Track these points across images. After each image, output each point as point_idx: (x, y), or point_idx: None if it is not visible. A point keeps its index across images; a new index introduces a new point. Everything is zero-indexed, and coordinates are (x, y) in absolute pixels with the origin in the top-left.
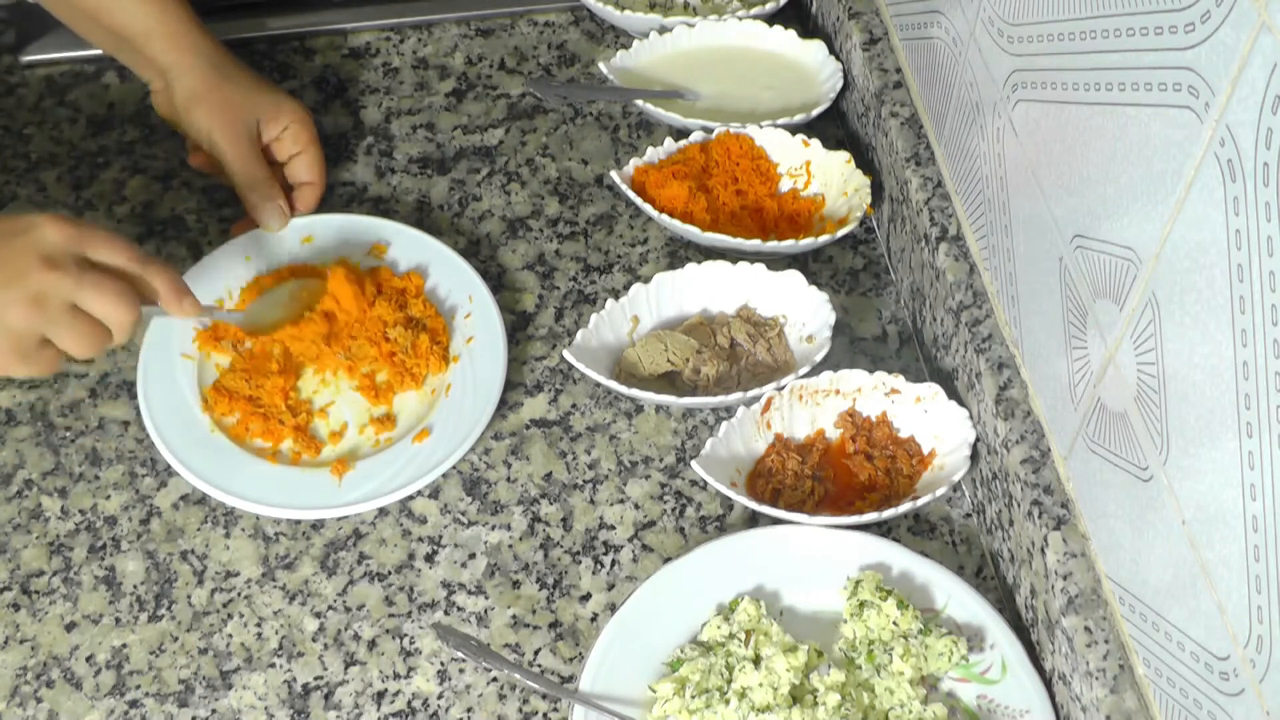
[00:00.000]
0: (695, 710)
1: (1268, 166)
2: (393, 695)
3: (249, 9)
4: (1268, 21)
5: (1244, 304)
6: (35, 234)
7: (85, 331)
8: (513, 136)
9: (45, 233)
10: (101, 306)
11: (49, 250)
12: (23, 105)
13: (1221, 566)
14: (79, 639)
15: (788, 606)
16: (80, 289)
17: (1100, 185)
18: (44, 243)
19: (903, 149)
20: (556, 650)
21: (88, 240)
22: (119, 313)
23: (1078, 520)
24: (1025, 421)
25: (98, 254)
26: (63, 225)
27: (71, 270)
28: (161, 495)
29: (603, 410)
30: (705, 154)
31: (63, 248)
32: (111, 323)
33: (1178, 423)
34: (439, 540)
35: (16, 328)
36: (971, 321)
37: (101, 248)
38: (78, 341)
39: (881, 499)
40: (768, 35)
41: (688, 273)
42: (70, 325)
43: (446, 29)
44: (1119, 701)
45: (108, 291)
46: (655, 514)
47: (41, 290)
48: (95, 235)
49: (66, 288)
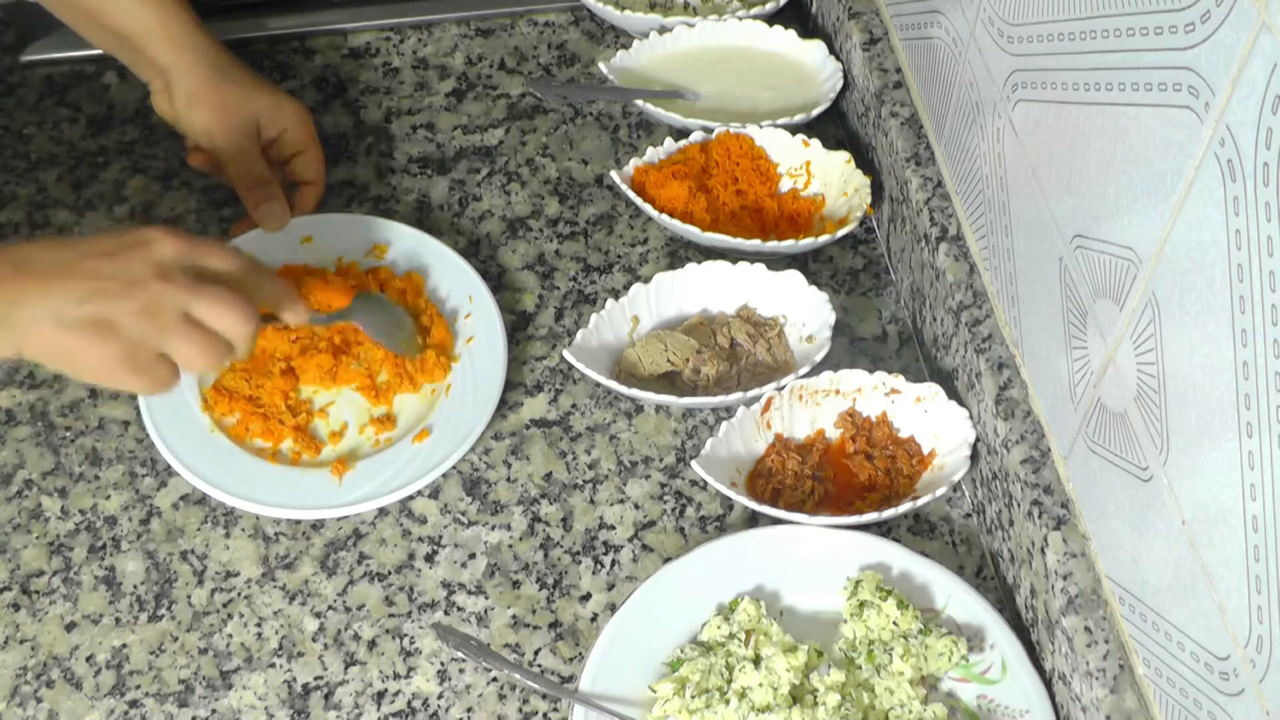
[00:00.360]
0: (695, 710)
1: (1268, 166)
2: (393, 695)
3: (249, 9)
4: (1268, 21)
5: (1244, 304)
6: (148, 246)
7: (201, 343)
8: (513, 136)
9: (159, 245)
10: (217, 317)
11: (163, 262)
12: (23, 105)
13: (1221, 566)
14: (79, 639)
15: (788, 606)
16: (195, 299)
17: (1100, 185)
18: (157, 255)
19: (903, 149)
20: (556, 650)
21: (201, 251)
22: (235, 323)
23: (1078, 520)
24: (1025, 421)
25: (211, 264)
26: (175, 237)
27: (186, 281)
28: (161, 495)
29: (603, 410)
30: (705, 154)
31: (176, 260)
32: (229, 333)
33: (1178, 423)
34: (439, 540)
35: (131, 338)
36: (971, 321)
37: (214, 258)
38: (193, 353)
39: (881, 499)
40: (768, 35)
41: (688, 273)
42: (186, 337)
43: (446, 29)
44: (1119, 701)
45: (223, 302)
46: (655, 514)
47: (156, 301)
48: (208, 246)
49: (181, 298)
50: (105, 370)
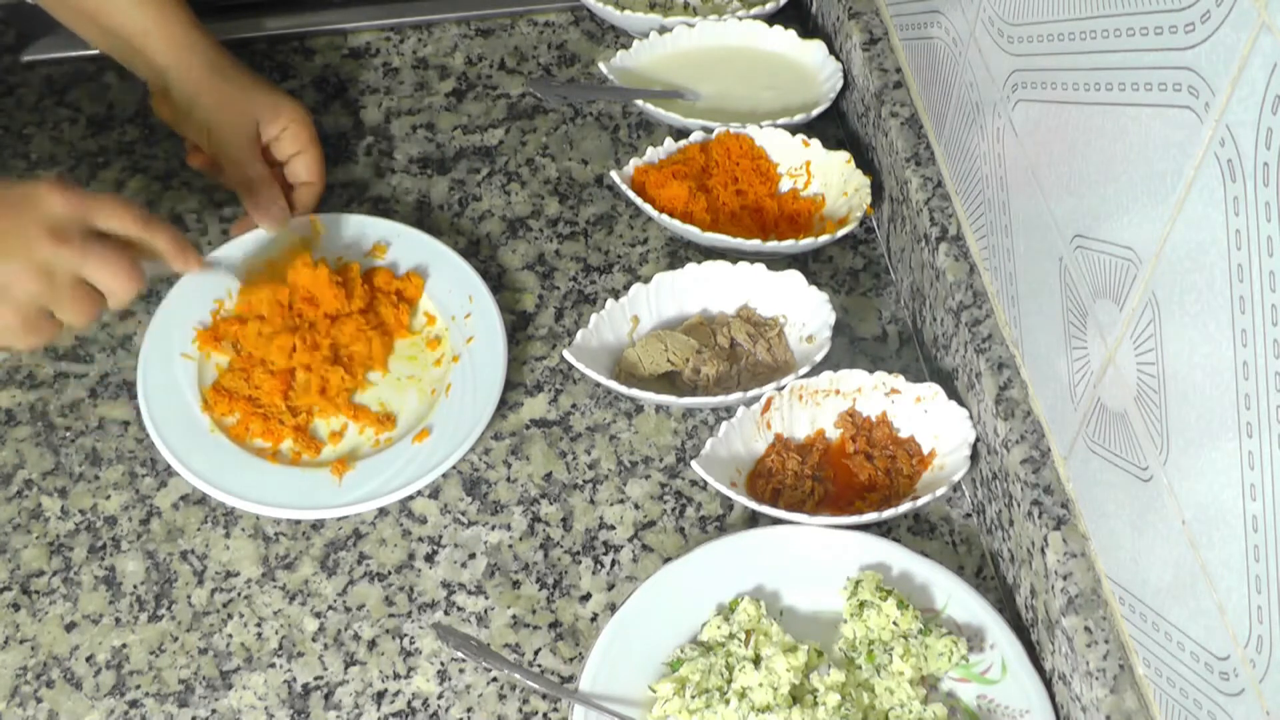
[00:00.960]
0: (695, 710)
1: (1268, 166)
2: (393, 695)
3: (249, 9)
4: (1268, 21)
5: (1244, 304)
6: (40, 203)
7: (87, 302)
8: (513, 136)
9: (50, 202)
10: (107, 279)
11: (54, 221)
12: (23, 105)
13: (1221, 566)
14: (79, 639)
15: (788, 606)
16: (87, 262)
17: (1100, 185)
18: (50, 213)
19: (903, 149)
20: (556, 650)
21: (92, 208)
22: (123, 284)
23: (1078, 520)
24: (1025, 421)
25: (101, 221)
26: (67, 194)
27: (78, 242)
28: (161, 495)
29: (603, 410)
30: (705, 154)
31: (68, 218)
32: (113, 294)
33: (1178, 423)
34: (439, 540)
35: (22, 300)
36: (971, 321)
37: (106, 214)
38: (79, 313)
39: (881, 499)
40: (768, 35)
41: (688, 273)
42: (74, 297)
43: (446, 29)
44: (1119, 701)
45: (113, 264)
46: (655, 514)
47: (48, 262)
48: (99, 203)
49: (74, 260)
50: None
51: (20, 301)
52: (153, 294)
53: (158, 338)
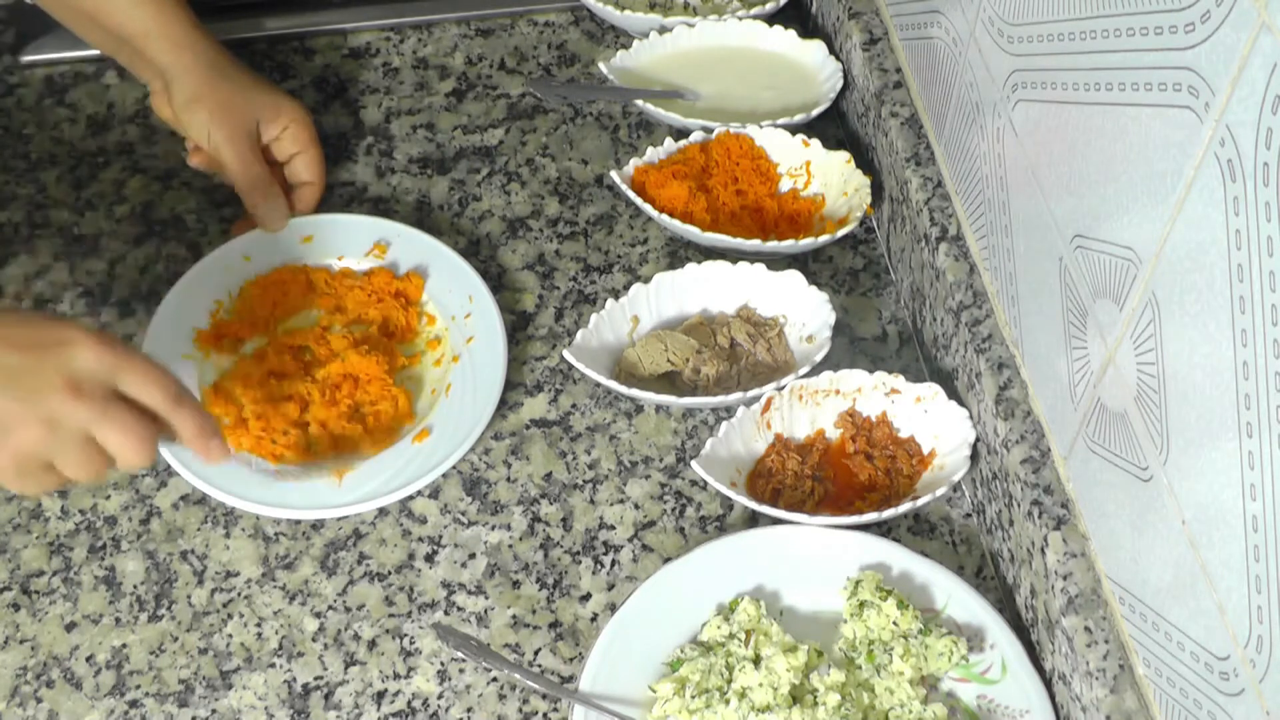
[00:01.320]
0: (695, 710)
1: (1268, 166)
2: (393, 695)
3: (249, 9)
4: (1268, 21)
5: (1244, 304)
6: (69, 352)
7: (92, 463)
8: (513, 136)
9: (79, 353)
10: (116, 445)
11: (78, 374)
12: (23, 105)
13: (1221, 566)
14: (79, 639)
15: (788, 606)
16: (100, 424)
17: (1100, 185)
18: (74, 364)
19: (903, 149)
20: (556, 650)
21: (123, 371)
22: (133, 456)
23: (1078, 520)
24: (1025, 421)
25: (129, 386)
26: (100, 349)
27: (97, 402)
28: (161, 495)
29: (603, 410)
30: (705, 154)
31: (93, 375)
32: (121, 461)
33: (1178, 423)
34: (439, 540)
35: (21, 446)
36: (971, 321)
37: (135, 381)
38: (81, 470)
39: (881, 499)
40: (768, 35)
41: (688, 273)
42: (78, 454)
43: (446, 29)
44: (1119, 701)
45: (128, 433)
46: (655, 514)
47: (58, 415)
48: (131, 367)
49: (85, 419)
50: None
51: (18, 447)
52: (153, 294)
53: (158, 338)
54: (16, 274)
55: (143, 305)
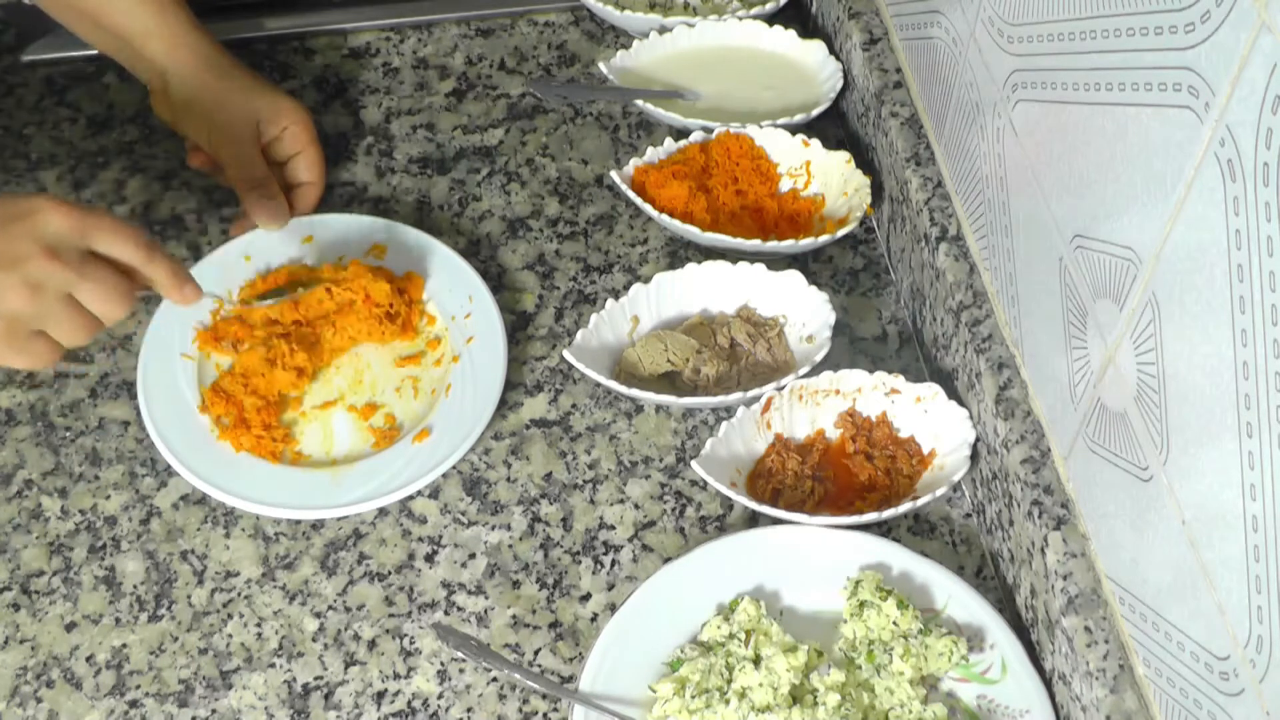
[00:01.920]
0: (695, 710)
1: (1268, 166)
2: (393, 695)
3: (249, 9)
4: (1268, 21)
5: (1244, 304)
6: (38, 219)
7: (78, 323)
8: (513, 136)
9: (49, 218)
10: (97, 302)
11: (51, 239)
12: (23, 105)
13: (1221, 566)
14: (79, 639)
15: (788, 606)
16: (80, 282)
17: (1100, 185)
18: (47, 230)
19: (903, 149)
20: (556, 650)
21: (91, 229)
22: (113, 308)
23: (1078, 520)
24: (1025, 421)
25: (100, 244)
26: (67, 212)
27: (73, 262)
28: (161, 495)
29: (603, 410)
30: (705, 154)
31: (65, 237)
32: (104, 316)
33: (1178, 423)
34: (439, 540)
35: (9, 314)
36: (971, 321)
37: (105, 238)
38: (70, 333)
39: (881, 499)
40: (768, 35)
41: (688, 273)
42: (64, 316)
43: (446, 29)
44: (1119, 701)
45: (106, 287)
46: (655, 514)
47: (39, 279)
48: (99, 224)
49: (66, 279)
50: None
51: (7, 316)
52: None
53: (158, 338)
54: None
55: (143, 305)
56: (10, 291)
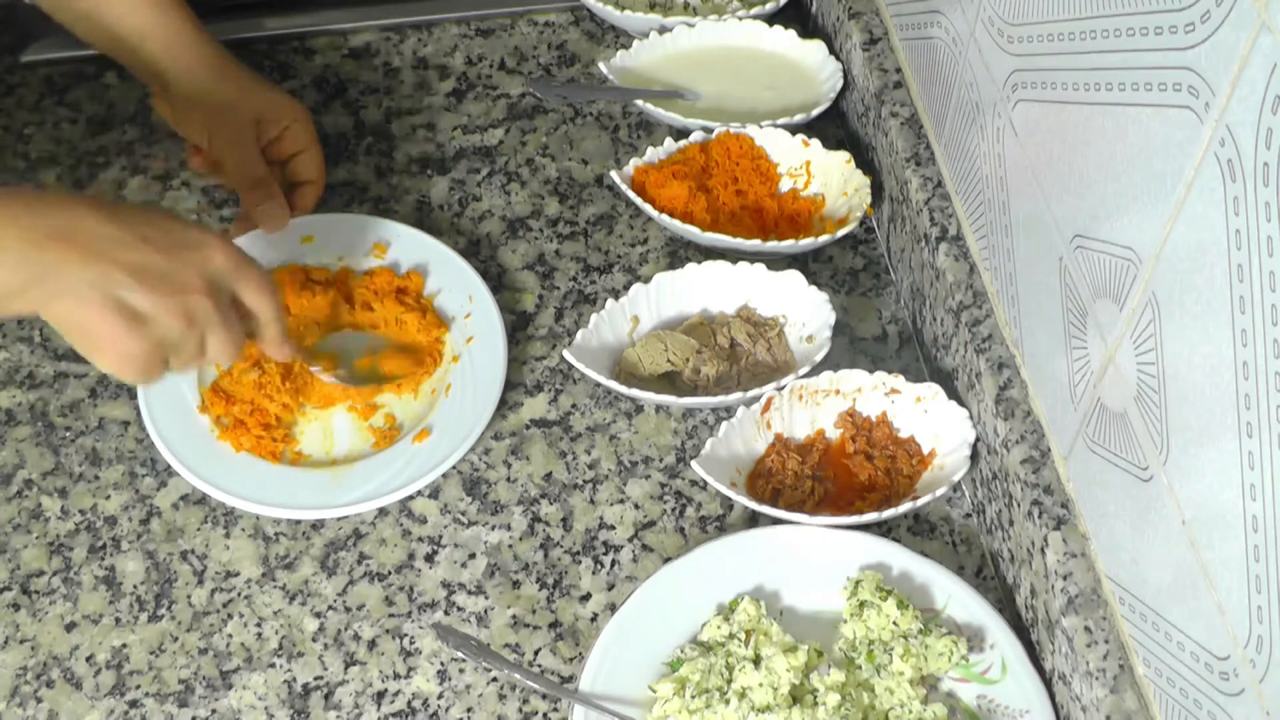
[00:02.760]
0: (695, 710)
1: (1268, 166)
2: (393, 695)
3: (249, 9)
4: (1268, 21)
5: (1244, 304)
6: (206, 254)
7: (198, 359)
8: (513, 136)
9: (214, 255)
10: (220, 346)
11: (213, 277)
12: (23, 105)
13: (1221, 566)
14: (79, 639)
15: (788, 606)
16: (218, 324)
17: (1100, 185)
18: (210, 267)
19: (903, 149)
20: (556, 650)
21: (244, 278)
22: (227, 355)
23: (1078, 520)
24: (1025, 421)
25: (245, 295)
26: (228, 254)
27: (224, 304)
28: (161, 495)
29: (603, 410)
30: (705, 154)
31: (223, 278)
32: (219, 359)
33: (1178, 423)
34: (439, 540)
35: (160, 336)
36: (971, 321)
37: (253, 291)
38: (185, 362)
39: (881, 499)
40: (768, 35)
41: (688, 273)
42: (194, 348)
43: (446, 29)
44: (1119, 701)
45: (233, 336)
46: (655, 514)
47: (195, 311)
48: (251, 275)
49: (212, 319)
50: (120, 359)
51: (158, 337)
52: None
53: None
54: None
55: None
56: (170, 316)
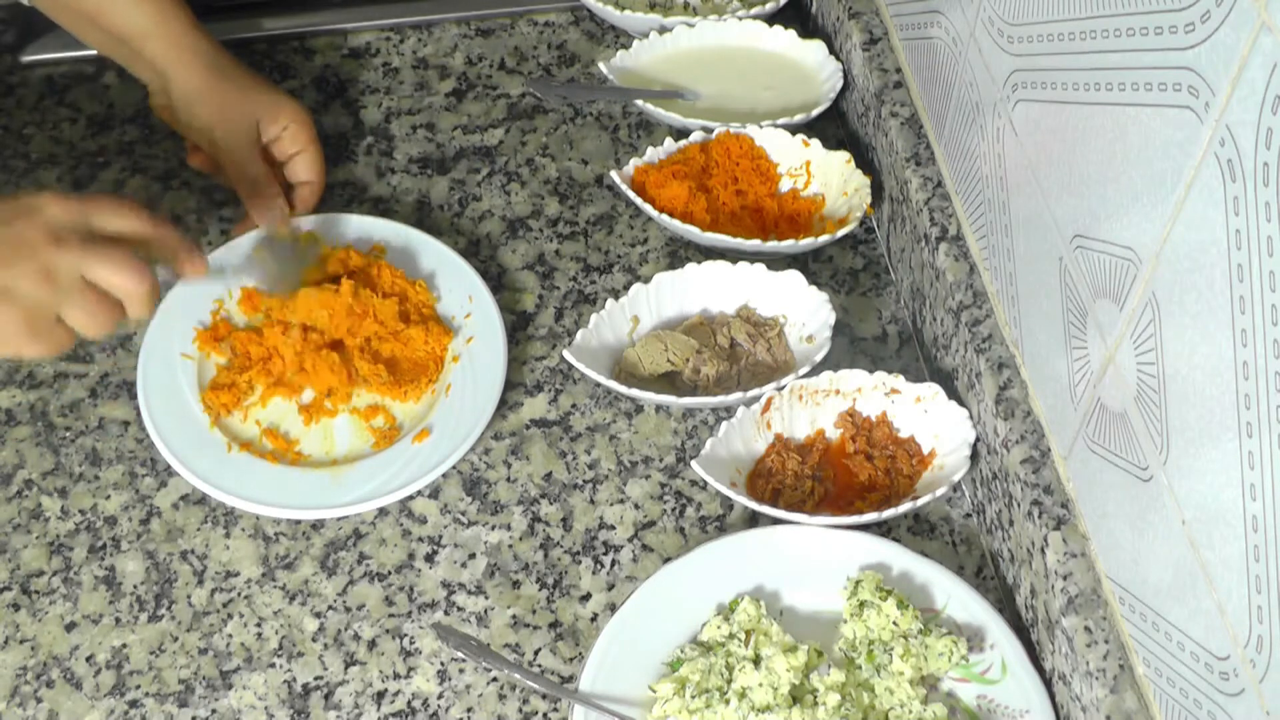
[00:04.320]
0: (695, 710)
1: (1268, 166)
2: (393, 695)
3: (249, 9)
4: (1268, 21)
5: (1244, 304)
6: (39, 211)
7: (97, 305)
8: (513, 136)
9: (49, 210)
10: (111, 276)
11: (55, 226)
12: (23, 105)
13: (1221, 566)
14: (79, 639)
15: (788, 606)
16: (87, 260)
17: (1100, 185)
18: (49, 220)
19: (903, 149)
20: (556, 650)
21: (92, 210)
22: (129, 280)
23: (1078, 520)
24: (1025, 421)
25: (104, 223)
26: (66, 200)
27: (78, 243)
28: (161, 495)
29: (603, 410)
30: (705, 154)
31: (68, 222)
32: (123, 293)
33: (1178, 423)
34: (439, 540)
35: (27, 302)
36: (971, 321)
37: (107, 215)
38: (90, 316)
39: (881, 499)
40: (768, 35)
41: (688, 273)
42: (81, 300)
43: (446, 29)
44: (1119, 701)
45: (116, 260)
46: (655, 514)
47: (49, 265)
48: (100, 204)
49: (74, 260)
50: (7, 340)
51: (25, 304)
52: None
53: (158, 338)
54: None
55: None
56: (25, 280)
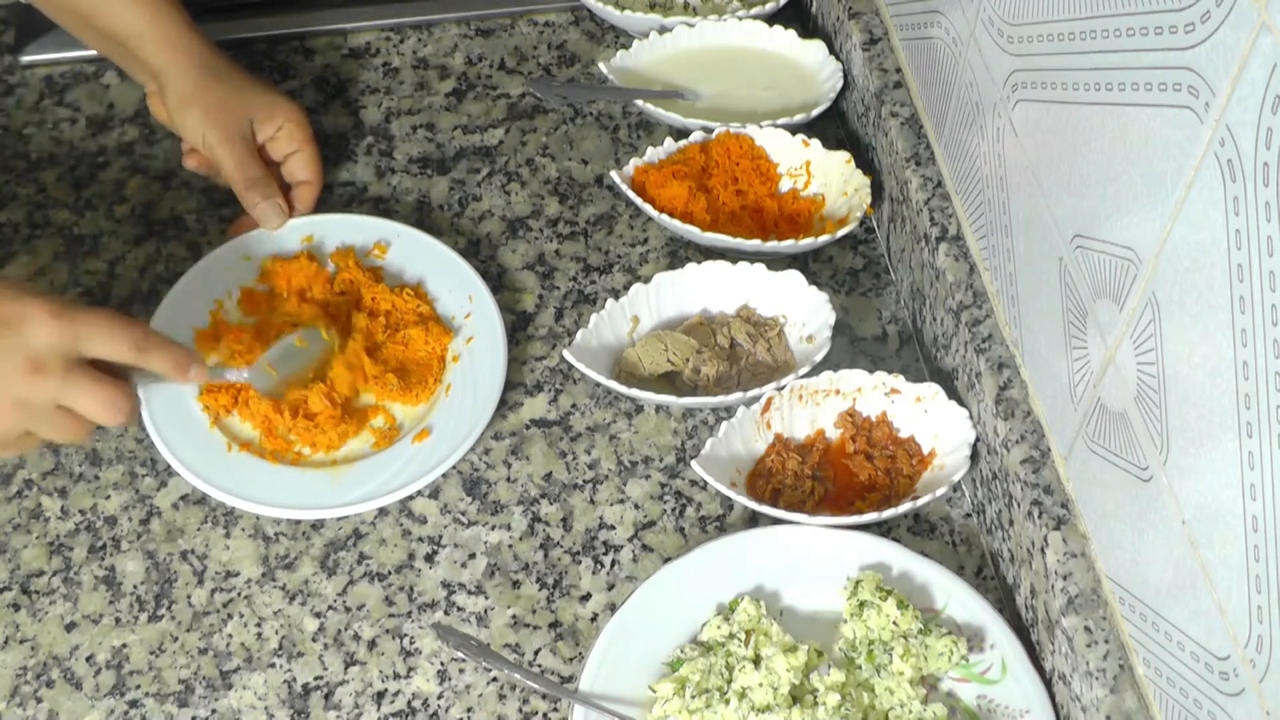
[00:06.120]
0: (695, 710)
1: (1268, 166)
2: (393, 695)
3: (249, 9)
4: (1268, 21)
5: (1244, 304)
6: (25, 330)
7: (70, 426)
8: (513, 136)
9: (35, 330)
10: (88, 407)
11: (35, 352)
12: (22, 105)
13: (1221, 566)
14: (79, 639)
15: (788, 606)
16: (66, 391)
17: (1100, 185)
18: (32, 342)
19: (903, 149)
20: (556, 650)
21: (81, 335)
22: (104, 412)
23: (1078, 520)
24: (1025, 421)
25: (91, 348)
26: (53, 321)
27: (57, 374)
28: (161, 495)
29: (603, 410)
30: (705, 154)
31: (53, 348)
32: (98, 420)
33: (1178, 423)
34: (439, 540)
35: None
36: (971, 321)
37: (96, 343)
38: (62, 435)
39: (881, 499)
40: (768, 35)
41: (688, 273)
42: (53, 422)
43: (446, 29)
44: (1119, 701)
45: (94, 393)
46: (655, 514)
47: (25, 396)
48: (88, 328)
49: (52, 391)
50: None
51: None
52: (153, 294)
53: None
54: (17, 274)
55: (143, 305)
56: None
